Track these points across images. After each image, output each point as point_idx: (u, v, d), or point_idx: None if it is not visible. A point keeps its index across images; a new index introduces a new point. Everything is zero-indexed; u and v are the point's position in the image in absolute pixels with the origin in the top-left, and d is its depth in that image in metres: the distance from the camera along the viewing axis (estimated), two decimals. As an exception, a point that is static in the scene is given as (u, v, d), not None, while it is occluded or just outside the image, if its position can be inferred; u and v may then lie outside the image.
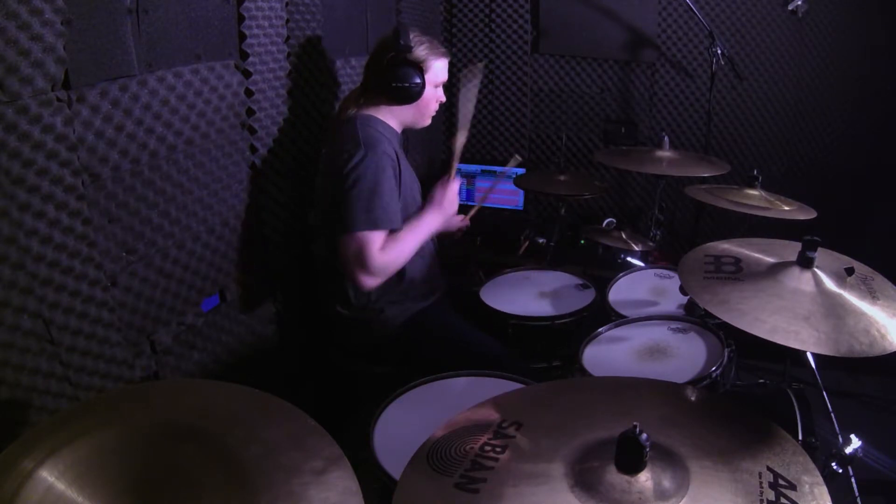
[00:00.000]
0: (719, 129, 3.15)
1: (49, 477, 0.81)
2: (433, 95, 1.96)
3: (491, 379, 1.58)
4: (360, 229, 1.74)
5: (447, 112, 3.32)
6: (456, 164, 2.04)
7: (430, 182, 2.02)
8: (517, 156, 2.37)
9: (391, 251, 1.79)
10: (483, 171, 3.36)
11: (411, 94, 1.88)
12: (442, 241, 2.20)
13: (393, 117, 1.96)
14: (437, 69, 1.93)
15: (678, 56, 3.12)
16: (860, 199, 2.95)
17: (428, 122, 2.03)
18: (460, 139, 2.06)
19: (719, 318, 1.19)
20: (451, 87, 2.46)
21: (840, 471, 1.39)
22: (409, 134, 2.07)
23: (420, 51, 1.86)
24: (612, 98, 3.30)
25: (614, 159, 2.43)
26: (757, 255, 1.38)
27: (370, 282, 1.78)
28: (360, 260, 1.74)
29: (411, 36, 1.85)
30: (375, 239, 1.75)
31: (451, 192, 1.98)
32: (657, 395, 1.15)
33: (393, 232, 1.81)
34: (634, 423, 0.87)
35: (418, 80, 1.87)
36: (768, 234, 1.54)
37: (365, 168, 1.75)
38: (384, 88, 1.87)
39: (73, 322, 1.36)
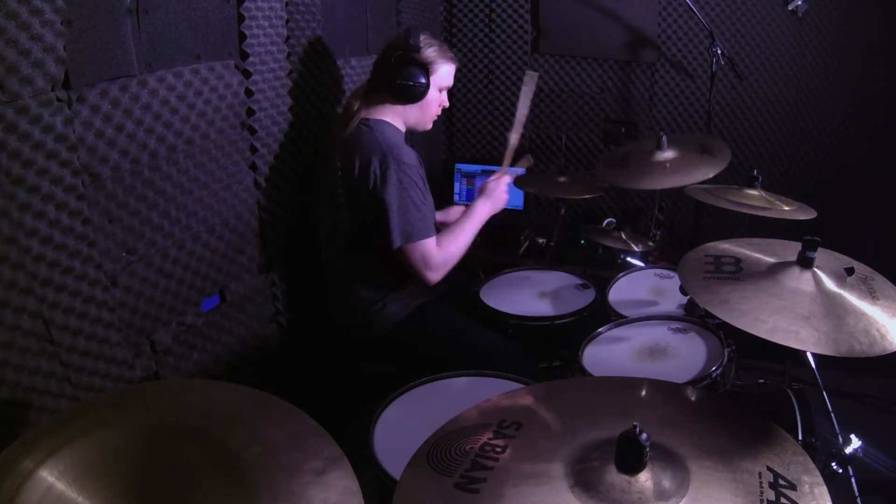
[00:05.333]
0: (719, 129, 3.15)
1: (49, 477, 0.81)
2: (436, 98, 1.99)
3: (491, 379, 1.58)
4: (417, 239, 1.84)
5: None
6: (507, 162, 2.16)
7: (429, 184, 2.03)
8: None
9: (448, 245, 1.93)
10: (483, 171, 3.36)
11: (415, 93, 1.91)
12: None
13: (398, 118, 1.98)
14: (444, 73, 1.96)
15: (678, 56, 3.12)
16: (860, 199, 2.95)
17: (429, 125, 2.06)
18: (514, 138, 2.18)
19: (719, 318, 1.19)
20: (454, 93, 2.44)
21: (840, 471, 1.39)
22: (409, 134, 2.10)
23: (428, 52, 1.91)
24: (612, 98, 3.30)
25: (614, 174, 2.33)
26: (757, 255, 1.38)
27: (436, 276, 1.90)
28: (426, 263, 1.87)
29: (421, 38, 1.89)
30: (432, 241, 1.89)
31: (503, 184, 2.13)
32: (657, 395, 1.15)
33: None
34: (634, 423, 0.87)
35: (423, 80, 1.90)
36: (768, 234, 1.54)
37: (405, 181, 1.83)
38: (389, 85, 1.90)
39: (73, 322, 1.36)
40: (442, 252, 1.91)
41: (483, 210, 2.05)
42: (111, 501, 0.81)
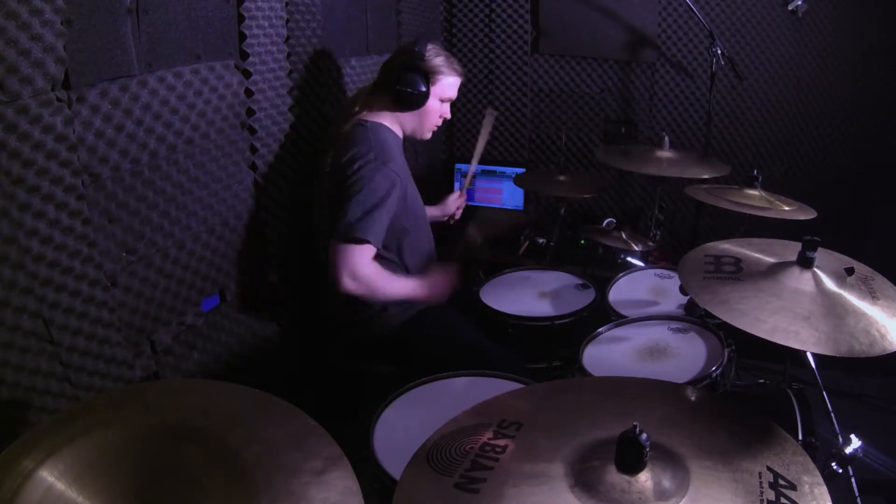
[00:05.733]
0: (719, 129, 3.15)
1: (49, 477, 0.81)
2: (437, 109, 1.98)
3: (491, 379, 1.58)
4: (359, 236, 1.73)
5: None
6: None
7: (429, 184, 2.03)
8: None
9: (381, 274, 1.80)
10: (483, 171, 3.36)
11: (414, 101, 1.91)
12: (443, 239, 2.22)
13: (396, 123, 1.98)
14: (446, 84, 1.95)
15: (678, 56, 3.12)
16: (860, 199, 2.95)
17: (428, 135, 2.04)
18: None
19: (719, 318, 1.19)
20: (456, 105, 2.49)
21: (840, 471, 1.39)
22: (409, 139, 2.09)
23: (434, 62, 1.90)
24: (612, 98, 3.30)
25: (614, 159, 2.42)
26: (757, 255, 1.38)
27: (352, 287, 1.75)
28: (352, 269, 1.74)
29: (429, 47, 1.89)
30: (369, 249, 1.77)
31: (449, 283, 1.93)
32: (657, 395, 1.15)
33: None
34: (634, 423, 0.87)
35: (423, 88, 1.89)
36: (768, 234, 1.54)
37: (375, 178, 1.78)
38: (389, 89, 1.90)
39: (73, 322, 1.36)
40: (374, 272, 1.77)
41: (419, 293, 1.87)
42: (111, 501, 0.81)
